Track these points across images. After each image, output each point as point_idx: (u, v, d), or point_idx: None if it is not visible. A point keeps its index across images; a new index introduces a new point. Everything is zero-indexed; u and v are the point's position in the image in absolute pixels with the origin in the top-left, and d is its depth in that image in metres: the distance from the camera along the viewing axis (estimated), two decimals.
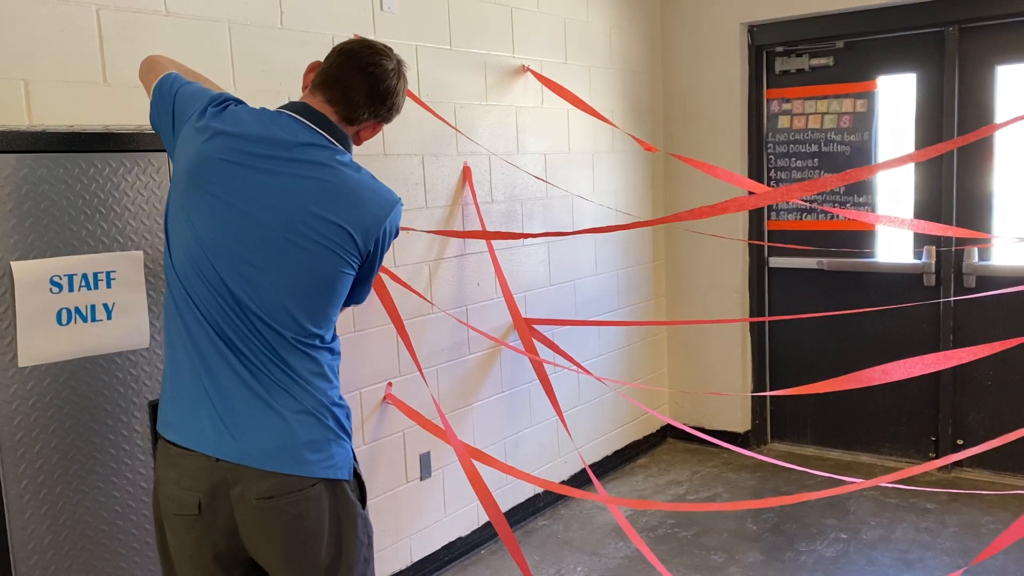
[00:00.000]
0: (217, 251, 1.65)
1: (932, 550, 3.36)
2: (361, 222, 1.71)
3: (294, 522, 1.68)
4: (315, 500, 1.69)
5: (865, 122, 4.18)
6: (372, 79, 1.75)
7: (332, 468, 1.71)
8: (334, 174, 1.70)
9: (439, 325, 3.29)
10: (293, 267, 1.67)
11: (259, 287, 1.66)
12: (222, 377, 1.67)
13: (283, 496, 1.66)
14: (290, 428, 1.68)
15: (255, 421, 1.67)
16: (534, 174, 3.69)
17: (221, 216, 1.65)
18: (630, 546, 3.44)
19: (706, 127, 4.45)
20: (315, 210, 1.67)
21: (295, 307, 1.68)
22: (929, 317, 4.11)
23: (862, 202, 4.23)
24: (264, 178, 1.66)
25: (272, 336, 1.67)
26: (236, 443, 1.66)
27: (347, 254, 1.71)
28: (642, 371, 4.53)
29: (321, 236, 1.67)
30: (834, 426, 4.44)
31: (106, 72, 2.26)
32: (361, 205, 1.71)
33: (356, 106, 1.76)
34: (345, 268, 1.72)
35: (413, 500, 3.23)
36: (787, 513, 3.73)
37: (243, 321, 1.67)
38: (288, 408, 1.68)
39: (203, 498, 1.67)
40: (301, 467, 1.67)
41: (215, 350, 1.67)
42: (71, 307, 1.84)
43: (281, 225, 1.65)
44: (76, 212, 1.86)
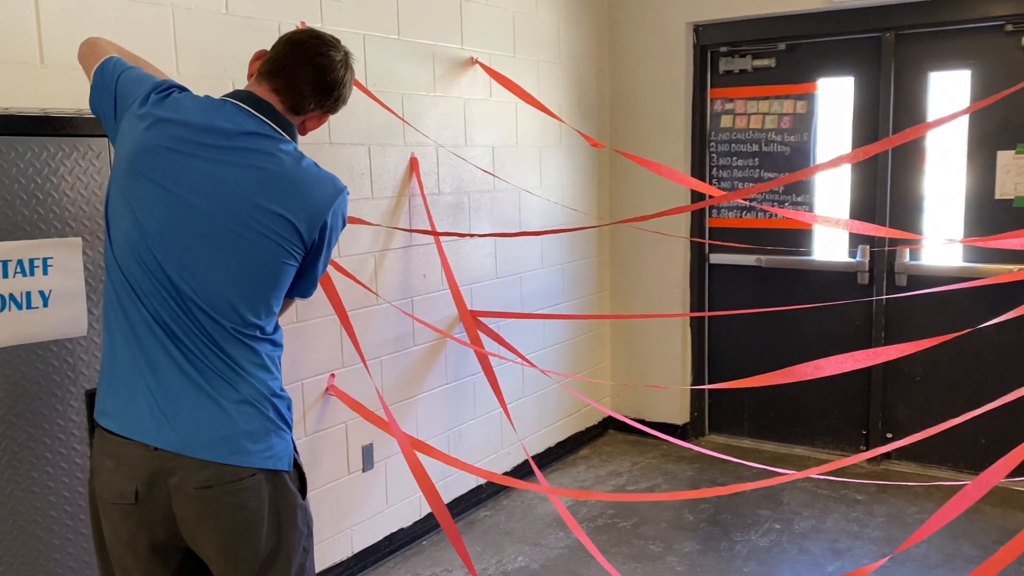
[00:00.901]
0: (158, 240, 1.64)
1: (860, 539, 3.49)
2: (304, 212, 1.70)
3: (233, 512, 1.67)
4: (254, 490, 1.69)
5: (805, 123, 4.29)
6: (319, 70, 1.75)
7: (272, 459, 1.71)
8: (277, 163, 1.69)
9: (384, 317, 3.29)
10: (235, 257, 1.66)
11: (200, 277, 1.65)
12: (161, 366, 1.66)
13: (222, 486, 1.66)
14: (230, 418, 1.67)
15: (194, 410, 1.66)
16: (482, 167, 3.71)
17: (163, 205, 1.64)
18: (570, 536, 3.49)
19: (651, 124, 4.51)
20: (258, 200, 1.66)
21: (236, 297, 1.67)
22: (862, 314, 4.25)
23: (800, 201, 4.34)
24: (207, 167, 1.65)
25: (212, 326, 1.66)
26: (175, 432, 1.65)
27: (290, 245, 1.70)
28: (585, 364, 4.59)
29: (263, 226, 1.67)
30: (769, 419, 4.56)
31: (43, 53, 2.20)
32: (304, 194, 1.70)
33: (302, 96, 1.75)
34: (288, 259, 1.71)
35: (355, 492, 3.23)
36: (723, 504, 3.82)
37: (183, 310, 1.65)
38: (228, 398, 1.68)
39: (140, 487, 1.66)
40: (240, 457, 1.67)
41: (154, 339, 1.66)
42: (6, 294, 1.80)
43: (223, 215, 1.65)
44: (12, 197, 1.82)
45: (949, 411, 4.11)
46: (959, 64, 3.95)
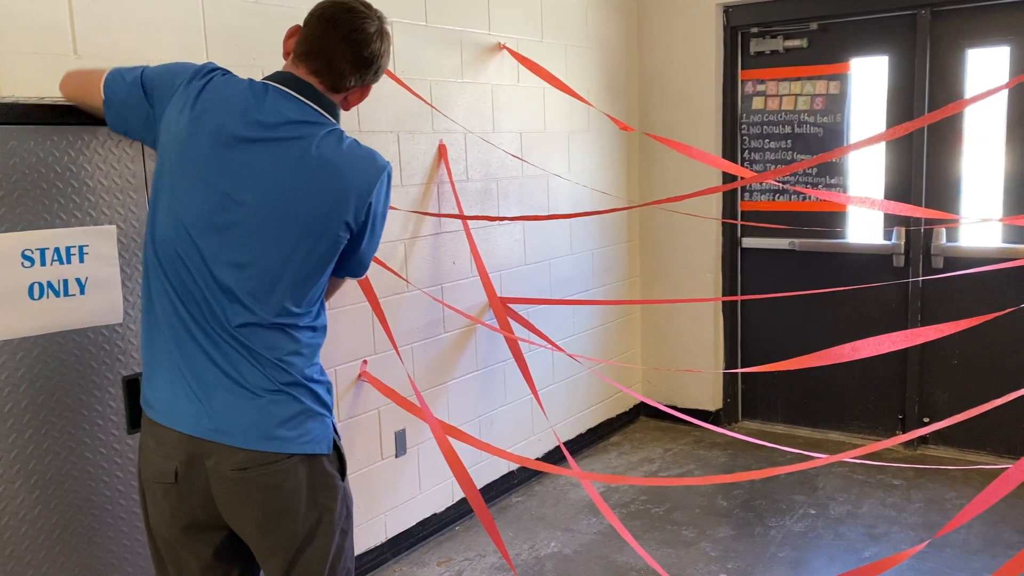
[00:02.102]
0: (200, 234, 1.65)
1: (897, 525, 3.44)
2: (348, 196, 1.70)
3: (269, 493, 1.69)
4: (290, 471, 1.70)
5: (838, 104, 4.22)
6: (356, 46, 1.72)
7: (309, 443, 1.73)
8: (319, 150, 1.68)
9: (414, 303, 3.30)
10: (279, 249, 1.66)
11: (243, 269, 1.66)
12: (196, 357, 1.68)
13: (256, 467, 1.68)
14: (264, 407, 1.68)
15: (229, 401, 1.68)
16: (510, 152, 3.69)
17: (205, 199, 1.64)
18: (603, 522, 3.49)
19: (681, 107, 4.47)
20: (301, 190, 1.66)
21: (280, 288, 1.68)
22: (898, 297, 4.18)
23: (834, 183, 4.27)
24: (249, 159, 1.65)
25: (252, 317, 1.67)
26: (211, 421, 1.67)
27: (335, 231, 1.71)
28: (616, 350, 4.57)
29: (307, 216, 1.67)
30: (803, 404, 4.51)
31: (76, 44, 2.22)
32: (347, 179, 1.70)
33: (342, 76, 1.74)
34: (333, 246, 1.72)
35: (388, 477, 3.25)
36: (757, 489, 3.79)
37: (221, 302, 1.66)
38: (262, 387, 1.69)
39: (180, 467, 1.69)
40: (275, 444, 1.69)
41: (189, 331, 1.68)
42: (43, 281, 1.82)
43: (266, 206, 1.65)
44: (48, 185, 1.84)
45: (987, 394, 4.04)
46: (998, 40, 3.86)
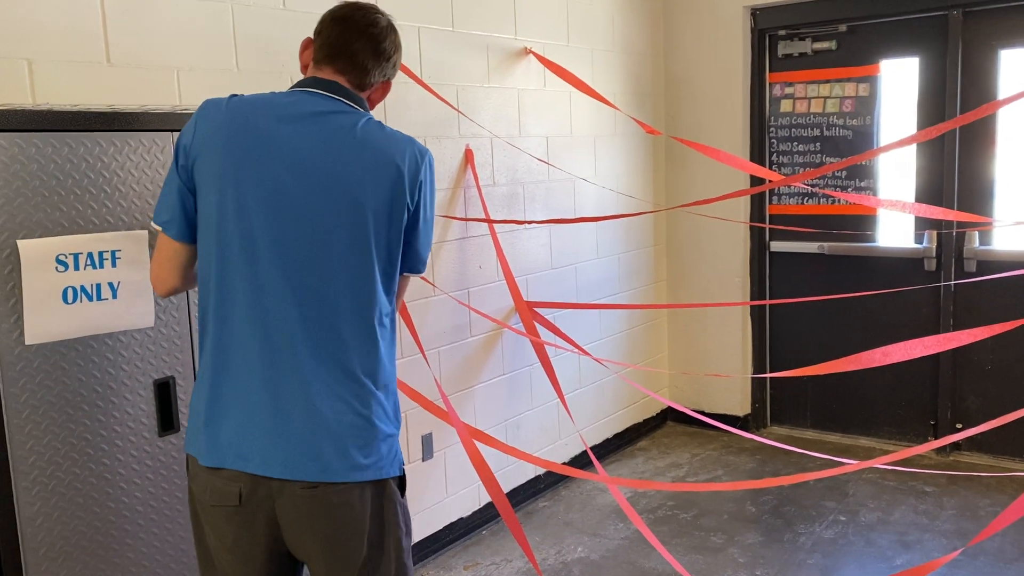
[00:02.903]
0: (272, 246, 1.59)
1: (930, 532, 3.39)
2: (403, 172, 1.65)
3: (339, 511, 1.63)
4: (359, 492, 1.65)
5: (867, 106, 4.18)
6: (375, 39, 1.72)
7: (380, 470, 1.67)
8: (364, 130, 1.65)
9: (441, 307, 3.31)
10: (341, 236, 1.61)
11: (314, 262, 1.60)
12: (256, 382, 1.62)
13: (327, 486, 1.62)
14: (334, 434, 1.63)
15: (295, 431, 1.62)
16: (536, 156, 3.69)
17: (259, 208, 1.58)
18: (630, 527, 3.47)
19: (708, 111, 4.44)
20: (353, 163, 1.61)
21: (347, 281, 1.62)
22: (929, 301, 4.12)
23: (864, 186, 4.23)
24: (293, 139, 1.60)
25: (324, 325, 1.61)
26: (283, 453, 1.63)
27: (399, 201, 1.65)
28: (643, 355, 4.55)
29: (370, 195, 1.61)
30: (833, 410, 4.46)
31: (109, 52, 2.26)
32: (398, 155, 1.65)
33: (366, 71, 1.72)
34: (396, 223, 1.65)
35: (415, 481, 3.26)
36: (786, 495, 3.76)
37: (283, 313, 1.60)
38: (334, 409, 1.63)
39: (244, 488, 1.61)
40: (345, 474, 1.63)
41: (252, 351, 1.61)
42: (77, 285, 1.85)
43: (328, 210, 1.59)
44: (81, 191, 1.87)
45: (1022, 400, 3.99)
46: None
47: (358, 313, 1.63)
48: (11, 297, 1.78)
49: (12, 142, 1.76)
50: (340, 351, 1.62)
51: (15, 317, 1.78)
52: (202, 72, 2.46)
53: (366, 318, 1.64)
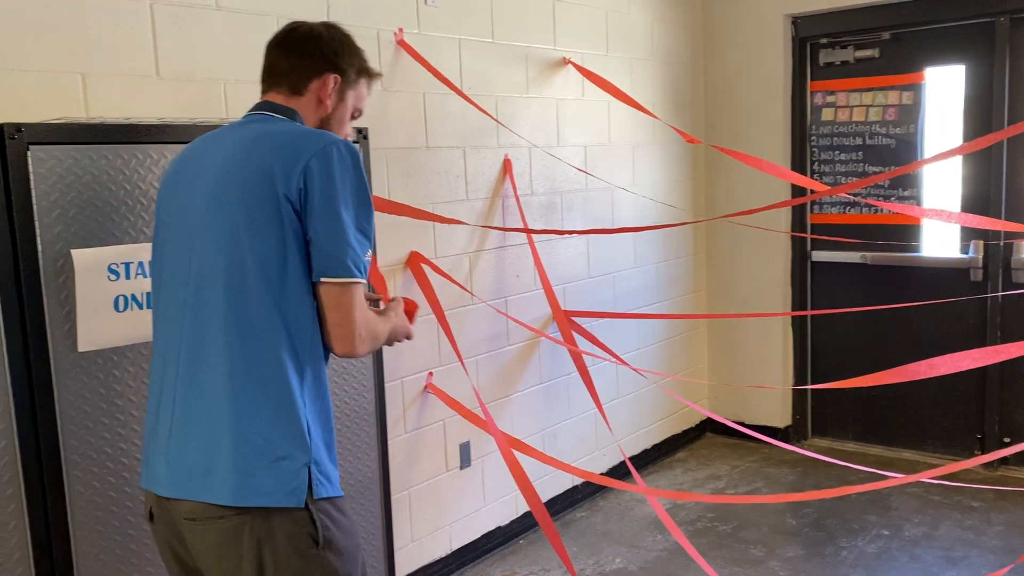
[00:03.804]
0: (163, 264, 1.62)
1: (977, 548, 3.32)
2: (277, 156, 1.49)
3: (217, 549, 1.47)
4: (237, 530, 1.45)
5: (911, 115, 4.12)
6: (283, 42, 1.70)
7: (264, 495, 1.45)
8: (255, 129, 1.58)
9: (479, 316, 3.32)
10: (226, 233, 1.50)
11: (195, 268, 1.53)
12: (160, 384, 1.59)
13: (203, 521, 1.47)
14: (213, 446, 1.48)
15: (178, 436, 1.53)
16: (575, 166, 3.70)
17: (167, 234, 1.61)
18: (669, 539, 3.44)
19: (748, 119, 4.42)
20: (229, 166, 1.52)
21: (236, 286, 1.49)
22: (976, 313, 4.05)
23: (907, 195, 4.17)
24: (186, 169, 1.62)
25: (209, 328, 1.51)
26: (165, 465, 1.54)
27: (267, 202, 1.48)
28: (681, 365, 4.52)
29: (238, 192, 1.49)
30: (876, 422, 4.39)
31: (159, 66, 2.31)
32: (281, 141, 1.52)
33: (284, 73, 1.67)
34: (273, 220, 1.48)
35: (453, 489, 3.27)
36: (828, 508, 3.70)
37: (182, 316, 1.55)
38: (216, 420, 1.49)
39: (154, 508, 1.58)
40: (214, 494, 1.46)
41: (161, 359, 1.59)
42: (127, 294, 1.90)
43: (203, 197, 1.54)
44: (132, 202, 1.92)
45: None
46: None
47: (232, 316, 1.47)
48: (65, 305, 1.83)
49: (67, 154, 1.82)
50: (215, 364, 1.48)
51: (68, 325, 1.83)
52: (248, 84, 2.51)
53: (243, 319, 1.47)
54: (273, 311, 1.46)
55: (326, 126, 1.70)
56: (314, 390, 1.52)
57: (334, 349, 1.52)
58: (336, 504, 1.52)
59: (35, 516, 1.82)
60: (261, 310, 1.46)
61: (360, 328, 1.51)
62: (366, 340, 1.53)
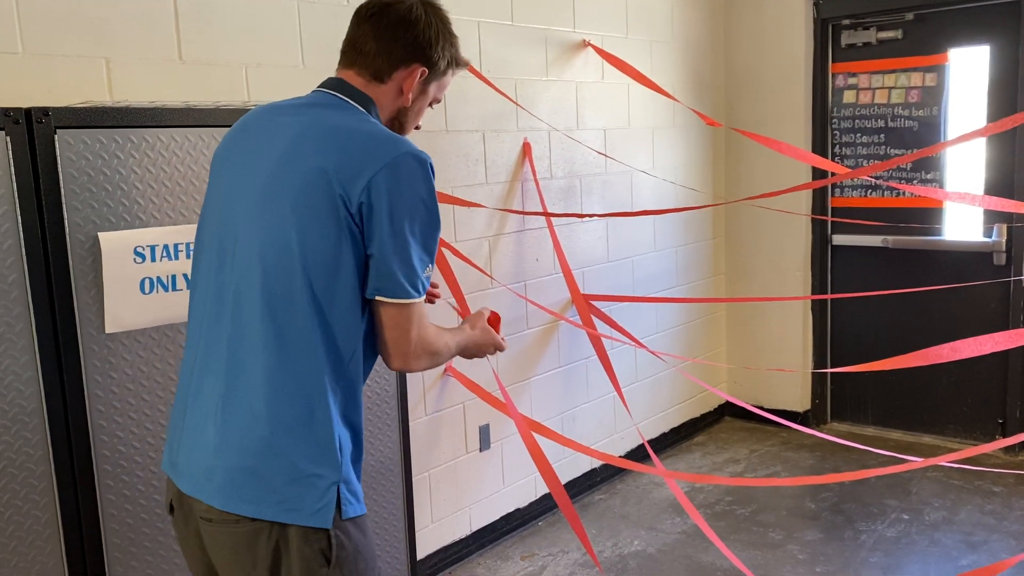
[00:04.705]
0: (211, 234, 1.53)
1: (997, 533, 3.31)
2: (348, 158, 1.38)
3: (230, 555, 1.43)
4: (252, 537, 1.39)
5: (935, 97, 4.07)
6: (377, 19, 1.53)
7: (287, 511, 1.38)
8: (330, 118, 1.46)
9: (498, 299, 3.33)
10: (274, 226, 1.41)
11: (238, 261, 1.45)
12: (195, 380, 1.51)
13: (220, 524, 1.42)
14: (236, 452, 1.42)
15: (201, 440, 1.47)
16: (594, 148, 3.69)
17: (212, 203, 1.54)
18: (687, 521, 3.46)
19: (769, 102, 4.38)
20: (291, 154, 1.42)
21: (279, 282, 1.40)
22: (998, 297, 4.01)
23: (930, 178, 4.13)
24: (243, 150, 1.52)
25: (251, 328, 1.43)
26: (187, 462, 1.49)
27: (331, 197, 1.38)
28: (700, 349, 4.52)
29: (300, 177, 1.40)
30: (896, 406, 4.38)
31: (182, 50, 2.33)
32: (350, 142, 1.40)
33: (370, 55, 1.52)
34: (334, 224, 1.38)
35: (472, 471, 3.29)
36: (847, 492, 3.70)
37: (219, 315, 1.47)
38: (242, 425, 1.42)
39: (173, 500, 1.54)
40: (235, 504, 1.40)
41: (193, 350, 1.53)
42: (153, 276, 1.92)
43: (257, 184, 1.44)
44: (158, 185, 1.94)
45: None
46: None
47: (274, 322, 1.38)
48: (92, 287, 1.85)
49: (94, 138, 1.84)
50: (253, 367, 1.40)
51: (96, 307, 1.86)
52: (269, 68, 2.52)
53: (286, 327, 1.38)
54: (317, 323, 1.38)
55: (402, 117, 1.58)
56: (350, 405, 1.45)
57: (390, 364, 1.45)
58: (358, 524, 1.44)
59: (65, 498, 1.85)
60: (304, 321, 1.37)
61: (415, 345, 1.44)
62: (422, 356, 1.46)
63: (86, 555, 1.88)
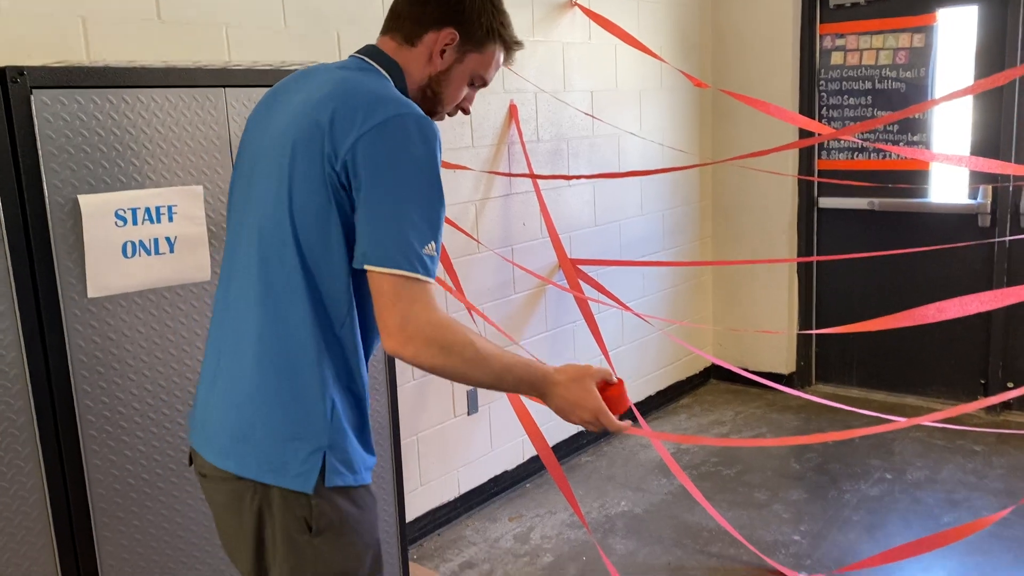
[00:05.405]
0: (234, 198, 1.52)
1: (979, 491, 3.36)
2: (340, 105, 1.31)
3: (222, 512, 1.45)
4: (238, 495, 1.38)
5: (922, 58, 4.06)
6: None
7: (268, 471, 1.35)
8: (336, 76, 1.40)
9: (485, 264, 3.32)
10: (272, 182, 1.38)
11: (241, 219, 1.46)
12: (214, 340, 1.51)
13: (212, 480, 1.43)
14: (233, 406, 1.41)
15: (207, 390, 1.49)
16: (582, 110, 3.66)
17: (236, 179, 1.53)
18: (673, 482, 3.49)
19: (756, 64, 4.35)
20: (295, 113, 1.37)
21: (276, 244, 1.37)
22: (983, 258, 4.04)
23: (916, 141, 4.12)
24: (265, 113, 1.49)
25: (250, 279, 1.42)
26: (196, 413, 1.51)
27: (318, 148, 1.31)
28: (687, 313, 4.53)
29: (294, 122, 1.36)
30: (880, 368, 4.42)
31: (160, 9, 2.27)
32: (348, 92, 1.34)
33: (401, 17, 1.46)
34: (319, 177, 1.32)
35: (461, 434, 3.30)
36: (831, 453, 3.74)
37: (232, 275, 1.46)
38: (240, 379, 1.40)
39: (192, 452, 1.52)
40: (224, 458, 1.40)
41: (216, 310, 1.51)
42: (135, 240, 1.89)
43: (267, 144, 1.42)
44: (138, 147, 1.90)
45: None
46: None
47: (266, 280, 1.36)
48: (73, 251, 1.82)
49: (71, 98, 1.80)
50: (247, 325, 1.38)
51: (78, 271, 1.83)
52: (250, 29, 2.47)
53: (276, 285, 1.35)
54: (304, 285, 1.33)
55: (435, 86, 1.48)
56: (345, 372, 1.38)
57: (382, 343, 1.31)
58: (350, 495, 1.37)
59: (50, 463, 1.84)
60: (292, 282, 1.33)
61: (409, 326, 1.26)
62: (419, 343, 1.27)
63: (73, 521, 1.88)
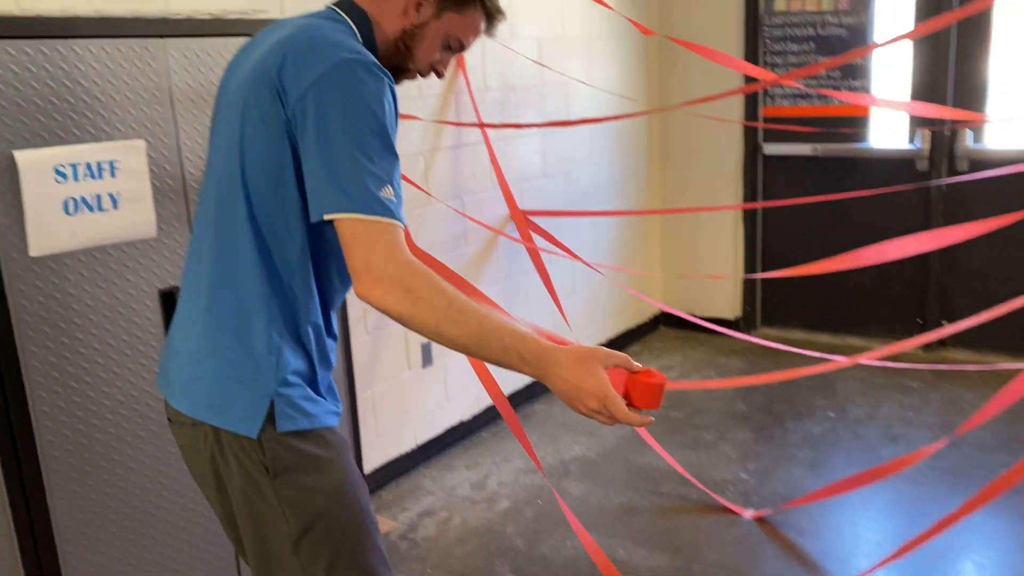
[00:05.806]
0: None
1: (916, 426, 3.51)
2: (291, 46, 1.29)
3: (187, 456, 1.45)
4: (196, 439, 1.38)
5: (863, 3, 4.10)
6: None
7: (215, 413, 1.34)
8: (293, 25, 1.37)
9: (436, 217, 3.31)
10: (229, 131, 1.37)
11: (208, 170, 1.45)
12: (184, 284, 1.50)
13: (176, 424, 1.43)
14: (190, 351, 1.40)
15: (175, 331, 1.47)
16: (530, 58, 3.63)
17: None
18: (625, 427, 3.56)
19: (702, 11, 4.36)
20: (254, 63, 1.34)
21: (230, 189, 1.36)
22: (921, 201, 4.15)
23: (857, 86, 4.19)
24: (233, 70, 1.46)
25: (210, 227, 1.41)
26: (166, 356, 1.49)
27: (267, 89, 1.29)
28: (636, 261, 4.58)
29: (248, 91, 1.32)
30: (823, 311, 4.54)
31: None
32: (296, 36, 1.31)
33: None
34: (272, 118, 1.29)
35: (416, 387, 3.32)
36: (776, 394, 3.86)
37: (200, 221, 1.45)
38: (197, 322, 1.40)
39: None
40: (177, 398, 1.40)
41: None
42: (77, 197, 1.85)
43: (226, 99, 1.40)
44: (75, 100, 1.84)
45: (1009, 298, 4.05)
46: None
47: (219, 226, 1.36)
48: (12, 209, 1.77)
49: (2, 50, 1.73)
50: (202, 273, 1.38)
51: (18, 229, 1.78)
52: None
53: (228, 231, 1.35)
54: (252, 234, 1.32)
55: (408, 40, 1.43)
56: (292, 322, 1.36)
57: (354, 290, 1.27)
58: (310, 437, 1.35)
59: None
60: (242, 232, 1.32)
61: (371, 266, 1.22)
62: (385, 285, 1.22)
63: (24, 483, 1.85)
